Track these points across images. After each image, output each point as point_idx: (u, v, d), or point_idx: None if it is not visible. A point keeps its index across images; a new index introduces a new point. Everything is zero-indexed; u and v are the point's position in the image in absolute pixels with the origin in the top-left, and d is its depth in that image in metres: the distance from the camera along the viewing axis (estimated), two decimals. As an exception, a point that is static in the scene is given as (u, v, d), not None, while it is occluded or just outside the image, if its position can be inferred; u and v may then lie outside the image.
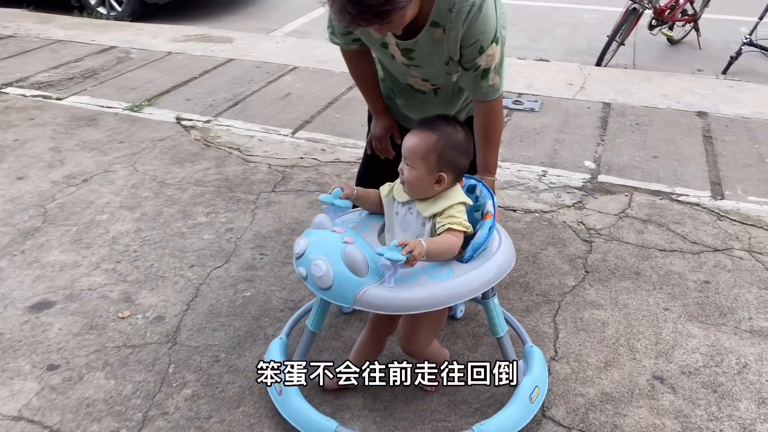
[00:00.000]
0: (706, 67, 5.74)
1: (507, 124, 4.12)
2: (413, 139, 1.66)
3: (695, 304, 2.41)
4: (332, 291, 1.55)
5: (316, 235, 1.66)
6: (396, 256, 1.47)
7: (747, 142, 3.87)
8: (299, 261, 1.63)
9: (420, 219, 1.68)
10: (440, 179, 1.65)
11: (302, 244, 1.63)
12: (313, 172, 3.45)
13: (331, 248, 1.58)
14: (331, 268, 1.54)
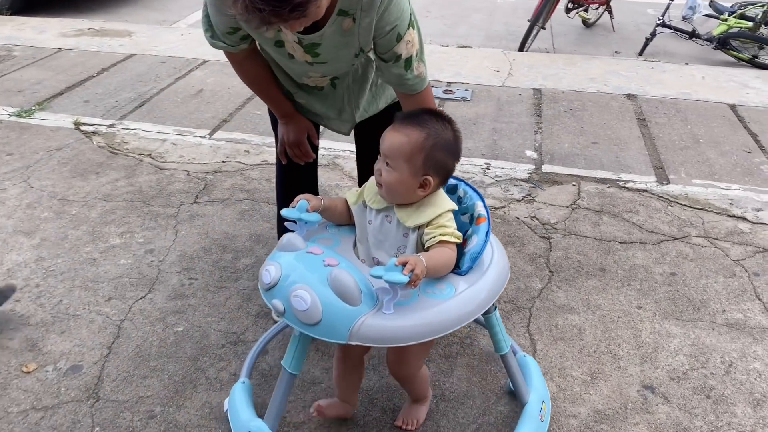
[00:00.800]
0: (622, 49, 5.79)
1: (441, 114, 3.92)
2: (396, 135, 1.42)
3: (667, 300, 2.29)
4: (321, 326, 1.29)
5: (287, 258, 1.38)
6: (398, 277, 1.24)
7: (679, 123, 3.85)
8: (272, 292, 1.35)
9: (401, 229, 1.46)
10: (425, 183, 1.43)
11: (273, 272, 1.35)
12: (238, 178, 3.10)
13: (311, 274, 1.32)
14: (317, 299, 1.28)
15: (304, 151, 1.92)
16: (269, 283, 1.35)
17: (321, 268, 1.33)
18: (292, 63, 1.66)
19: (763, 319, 2.19)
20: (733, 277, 2.42)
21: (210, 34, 1.63)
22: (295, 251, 1.39)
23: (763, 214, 2.87)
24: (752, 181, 3.18)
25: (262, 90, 1.81)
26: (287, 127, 1.89)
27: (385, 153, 1.43)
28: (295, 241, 1.41)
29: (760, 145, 3.58)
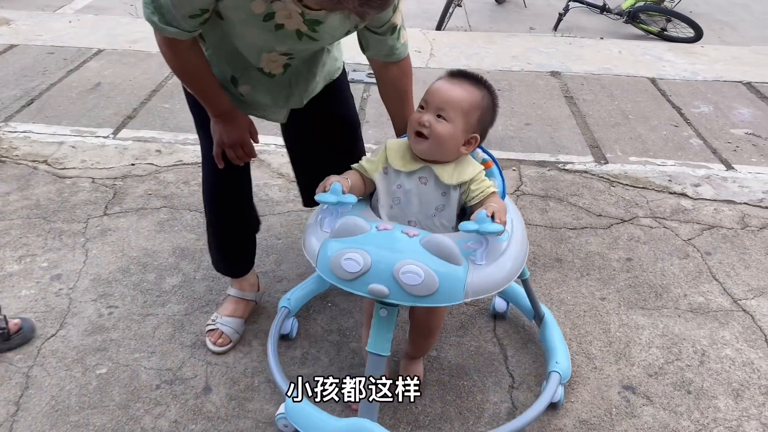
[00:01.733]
0: (536, 25, 5.77)
1: (368, 100, 3.70)
2: (455, 89, 1.45)
3: (628, 288, 2.21)
4: (439, 294, 1.28)
5: (366, 241, 1.32)
6: (495, 227, 1.31)
7: (606, 99, 3.83)
8: (364, 279, 1.29)
9: (439, 188, 1.48)
10: (471, 141, 1.49)
11: (361, 258, 1.29)
12: (152, 182, 2.76)
13: (406, 248, 1.31)
14: (430, 269, 1.27)
15: (248, 150, 1.71)
16: (359, 271, 1.29)
17: (408, 240, 1.32)
18: (269, 40, 1.50)
19: (724, 301, 2.15)
20: (687, 258, 2.37)
21: (158, 17, 1.41)
22: (365, 232, 1.34)
23: (702, 190, 2.86)
24: (685, 156, 3.18)
25: (203, 82, 1.58)
26: (226, 126, 1.65)
27: (439, 104, 1.43)
28: (360, 224, 1.34)
29: (685, 119, 3.61)
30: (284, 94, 1.72)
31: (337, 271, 1.31)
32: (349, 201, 1.41)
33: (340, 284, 1.32)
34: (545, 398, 1.63)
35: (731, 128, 3.50)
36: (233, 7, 1.41)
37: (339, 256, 1.30)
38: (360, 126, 2.00)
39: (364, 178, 1.53)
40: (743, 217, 2.65)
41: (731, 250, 2.43)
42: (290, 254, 2.32)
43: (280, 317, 1.85)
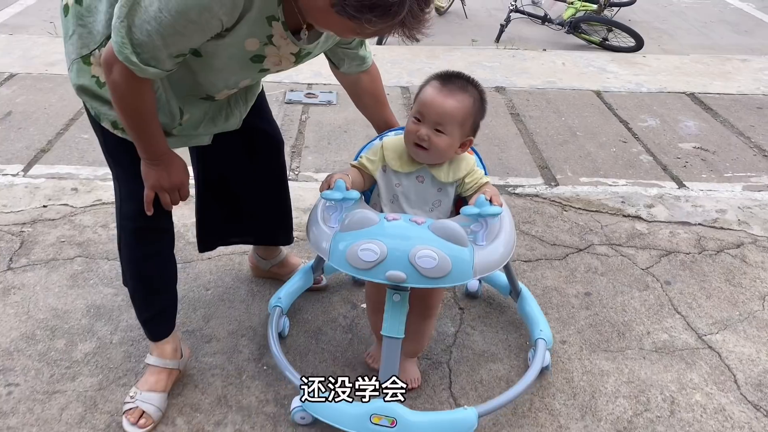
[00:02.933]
0: (478, 37, 5.67)
1: (307, 123, 3.49)
2: (449, 101, 1.50)
3: (589, 327, 2.06)
4: (452, 274, 1.40)
5: (379, 231, 1.42)
6: (496, 210, 1.46)
7: (552, 115, 3.72)
8: (381, 267, 1.39)
9: (435, 185, 1.59)
10: (467, 143, 1.58)
11: (378, 248, 1.38)
12: (66, 227, 2.48)
13: (417, 234, 1.41)
14: (443, 252, 1.38)
15: (184, 194, 1.59)
16: (376, 260, 1.38)
17: (417, 228, 1.42)
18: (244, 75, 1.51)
19: (689, 337, 2.03)
20: (647, 290, 2.25)
21: (138, 56, 1.29)
22: (375, 224, 1.42)
23: (656, 211, 2.76)
24: (636, 174, 3.09)
25: (152, 122, 1.46)
26: (166, 169, 1.52)
27: (436, 119, 1.49)
28: (370, 216, 1.43)
29: (633, 133, 3.53)
30: (224, 115, 1.66)
31: (354, 262, 1.39)
32: (353, 197, 1.50)
33: (358, 274, 1.41)
34: (537, 363, 1.75)
35: (679, 142, 3.44)
36: (230, 44, 1.36)
37: (355, 248, 1.39)
38: (283, 145, 1.97)
39: (364, 175, 1.62)
40: (699, 240, 2.56)
41: (691, 278, 2.32)
42: (221, 307, 2.08)
43: (275, 317, 1.86)
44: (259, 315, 2.05)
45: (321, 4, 1.25)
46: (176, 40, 1.29)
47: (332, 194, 1.49)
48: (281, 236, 2.10)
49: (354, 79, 1.77)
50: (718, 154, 3.32)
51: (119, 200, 1.65)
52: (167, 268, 1.74)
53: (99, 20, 1.43)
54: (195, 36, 1.30)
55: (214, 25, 1.29)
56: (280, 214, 2.05)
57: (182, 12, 1.24)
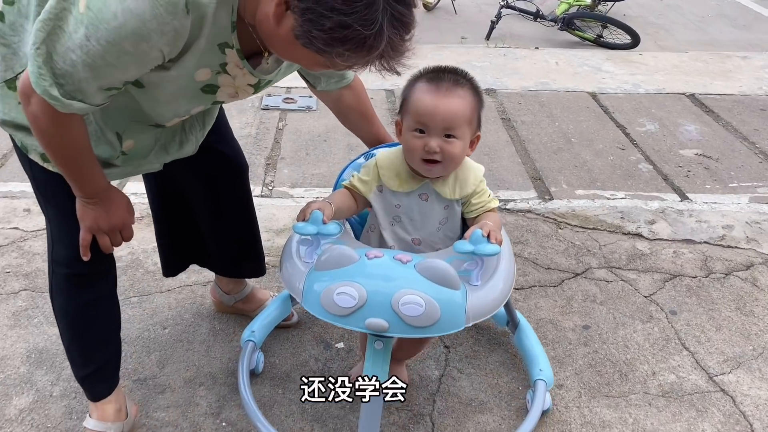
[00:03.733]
0: (468, 34, 5.45)
1: (284, 131, 3.27)
2: (453, 101, 1.34)
3: (588, 368, 1.86)
4: (441, 322, 1.22)
5: (357, 272, 1.24)
6: (493, 249, 1.27)
7: (546, 120, 3.51)
8: (360, 314, 1.21)
9: (441, 203, 1.43)
10: (474, 141, 1.43)
11: (356, 292, 1.21)
12: (14, 254, 2.26)
13: (400, 277, 1.23)
14: (431, 298, 1.21)
15: (128, 234, 1.40)
16: (354, 306, 1.21)
17: (402, 268, 1.24)
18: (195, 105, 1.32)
19: (698, 378, 1.83)
20: (651, 321, 2.05)
21: (60, 88, 1.10)
22: (354, 262, 1.24)
23: (658, 228, 2.56)
24: (635, 185, 2.89)
25: (84, 156, 1.25)
26: (105, 208, 1.32)
27: (446, 126, 1.33)
28: (348, 253, 1.25)
29: (631, 139, 3.33)
30: (178, 142, 1.47)
31: (329, 308, 1.22)
32: (331, 232, 1.32)
33: (334, 321, 1.23)
34: (537, 408, 1.57)
35: (680, 149, 3.24)
36: (177, 76, 1.18)
37: (330, 291, 1.22)
38: (247, 169, 1.78)
39: (356, 197, 1.45)
40: (706, 261, 2.36)
41: (698, 306, 2.12)
42: (179, 350, 1.87)
43: (247, 352, 1.68)
44: (220, 359, 1.83)
45: (283, 34, 1.06)
46: (107, 72, 1.10)
47: (305, 228, 1.30)
48: (247, 268, 1.89)
49: (336, 96, 1.59)
50: (722, 162, 3.12)
51: (51, 243, 1.45)
52: (108, 316, 1.53)
53: (25, 41, 1.22)
54: (131, 68, 1.11)
55: (153, 56, 1.09)
56: (245, 244, 1.84)
57: (114, 42, 1.04)
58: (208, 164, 1.64)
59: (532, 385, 1.66)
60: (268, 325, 1.79)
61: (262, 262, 1.90)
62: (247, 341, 1.71)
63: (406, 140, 1.38)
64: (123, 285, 2.11)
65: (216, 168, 1.67)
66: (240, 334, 1.91)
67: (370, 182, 1.44)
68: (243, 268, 1.89)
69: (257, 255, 1.88)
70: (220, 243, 1.80)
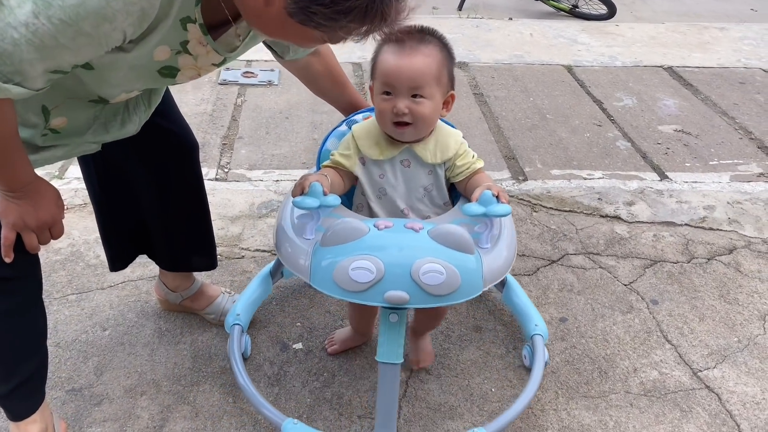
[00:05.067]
0: (440, 4, 5.23)
1: (243, 108, 3.06)
2: (417, 59, 1.29)
3: (566, 365, 1.73)
4: (461, 289, 1.18)
5: (371, 245, 1.18)
6: (505, 209, 1.24)
7: (520, 95, 3.36)
8: (379, 287, 1.15)
9: (424, 167, 1.40)
10: (449, 101, 1.38)
11: (373, 265, 1.15)
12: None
13: (416, 246, 1.18)
14: (450, 265, 1.16)
15: (57, 232, 1.24)
16: (372, 280, 1.16)
17: (416, 236, 1.21)
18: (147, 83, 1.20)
19: (682, 374, 1.72)
20: (632, 312, 1.93)
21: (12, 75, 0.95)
22: (364, 235, 1.20)
23: (637, 209, 2.44)
24: (613, 164, 2.76)
25: (12, 146, 1.09)
26: (31, 202, 1.16)
27: (411, 85, 1.29)
28: (358, 226, 1.20)
29: (608, 115, 3.19)
30: (119, 121, 1.32)
31: (344, 284, 1.17)
32: (333, 203, 1.27)
33: (349, 297, 1.19)
34: (539, 364, 1.57)
35: (658, 124, 3.11)
36: (135, 57, 1.07)
37: (344, 267, 1.16)
38: (197, 149, 1.61)
39: (342, 174, 1.40)
40: (687, 245, 2.24)
41: (680, 295, 2.00)
42: (120, 354, 1.69)
43: (236, 337, 1.59)
44: (165, 364, 1.67)
45: (274, 13, 0.97)
46: (56, 54, 0.96)
47: (306, 202, 1.24)
48: (196, 261, 1.72)
49: (303, 64, 1.49)
50: (702, 138, 3.00)
51: None
52: (34, 326, 1.35)
53: None
54: (85, 50, 0.98)
55: (114, 38, 0.96)
56: (195, 234, 1.67)
57: (70, 22, 0.90)
58: (152, 143, 1.47)
59: (529, 340, 1.66)
60: (252, 305, 1.70)
61: (213, 255, 1.73)
62: (233, 325, 1.61)
63: (376, 104, 1.35)
64: (60, 281, 1.92)
65: (162, 147, 1.51)
66: (188, 334, 1.75)
67: (351, 155, 1.39)
68: (192, 262, 1.72)
69: (208, 246, 1.71)
70: (167, 233, 1.63)
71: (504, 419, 1.43)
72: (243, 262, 2.04)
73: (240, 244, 2.12)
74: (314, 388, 1.61)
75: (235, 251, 2.09)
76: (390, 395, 1.29)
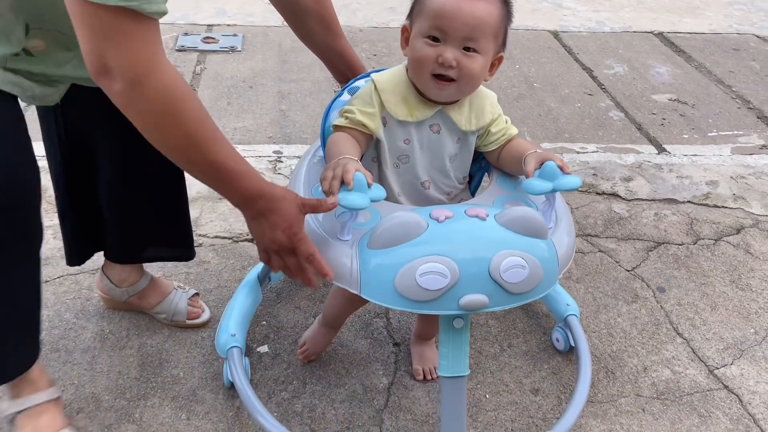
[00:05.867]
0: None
1: (202, 77, 2.78)
2: (478, 5, 1.07)
3: (568, 365, 1.54)
4: (543, 283, 1.03)
5: (434, 239, 0.98)
6: (575, 181, 1.09)
7: (505, 63, 3.06)
8: (453, 292, 0.97)
9: (454, 134, 1.19)
10: (495, 63, 1.17)
11: (446, 268, 0.96)
12: None
13: (489, 236, 1.00)
14: (531, 256, 1.00)
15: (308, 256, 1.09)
16: (447, 285, 0.96)
17: (485, 225, 1.01)
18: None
19: (697, 373, 1.53)
20: (637, 301, 1.74)
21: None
22: (424, 231, 0.98)
23: (636, 186, 2.24)
24: (607, 136, 2.55)
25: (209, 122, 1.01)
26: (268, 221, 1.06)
27: (468, 33, 1.07)
28: (416, 221, 0.98)
29: (598, 83, 2.98)
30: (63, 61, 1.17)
31: (411, 293, 0.98)
32: (380, 197, 1.04)
33: (418, 308, 1.00)
34: (584, 346, 1.43)
35: (652, 93, 2.92)
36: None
37: (409, 273, 0.97)
38: None
39: (359, 139, 1.15)
40: (692, 224, 2.05)
41: (689, 281, 1.82)
42: (54, 363, 1.44)
43: (237, 362, 1.31)
44: (107, 374, 1.43)
45: None
46: None
47: (356, 200, 0.99)
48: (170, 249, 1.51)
49: (290, 4, 1.31)
50: (698, 108, 2.81)
51: None
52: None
53: None
54: None
55: None
56: (173, 216, 1.45)
57: None
58: None
59: (563, 322, 1.52)
60: (245, 320, 1.44)
61: (190, 240, 1.50)
62: (230, 349, 1.34)
63: (414, 49, 1.11)
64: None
65: None
66: (135, 338, 1.51)
67: (376, 114, 1.15)
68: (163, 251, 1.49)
69: (184, 230, 1.49)
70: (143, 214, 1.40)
71: (569, 419, 1.25)
72: (200, 251, 1.80)
73: (197, 230, 1.87)
74: (282, 400, 1.39)
75: (192, 238, 1.84)
76: (459, 413, 1.11)
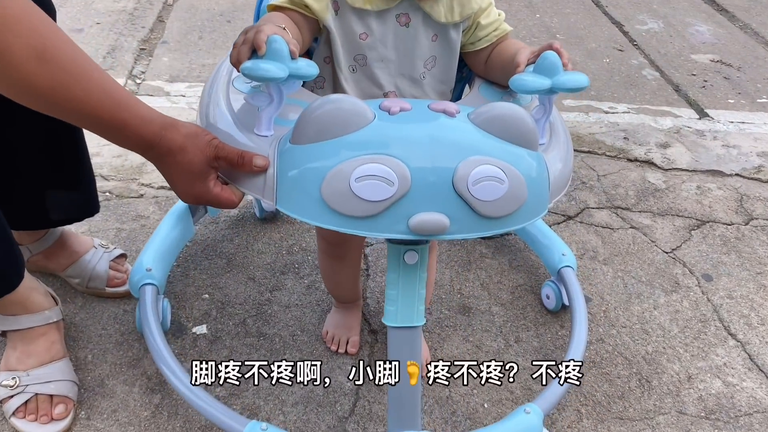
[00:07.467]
0: None
1: (173, 7, 2.41)
2: None
3: (592, 369, 1.20)
4: (526, 206, 0.75)
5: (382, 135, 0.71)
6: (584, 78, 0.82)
7: (524, 10, 2.75)
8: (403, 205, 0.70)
9: (430, 29, 0.93)
10: None
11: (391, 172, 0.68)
12: None
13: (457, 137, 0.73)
14: (514, 171, 0.72)
15: None
16: (392, 196, 0.69)
17: (454, 123, 0.74)
18: None
19: (757, 386, 1.19)
20: (678, 290, 1.39)
21: None
22: (371, 122, 0.72)
23: (674, 153, 1.88)
24: (640, 97, 2.19)
25: None
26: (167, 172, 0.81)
27: None
28: (358, 109, 0.71)
29: (630, 39, 2.60)
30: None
31: (342, 205, 0.70)
32: (309, 73, 0.73)
33: (351, 227, 0.71)
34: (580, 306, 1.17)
35: (691, 53, 2.54)
36: None
37: (341, 177, 0.69)
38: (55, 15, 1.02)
39: (301, 24, 0.88)
40: (742, 201, 1.70)
41: (740, 269, 1.47)
42: None
43: (149, 301, 1.06)
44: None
45: None
46: None
47: (267, 68, 0.70)
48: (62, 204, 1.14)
49: None
50: (745, 72, 2.44)
51: None
52: None
53: None
54: None
55: None
56: (70, 165, 1.10)
57: None
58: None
59: (556, 275, 1.26)
60: (167, 255, 1.17)
61: (94, 192, 1.16)
62: (143, 286, 1.09)
63: None
64: None
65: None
66: (34, 309, 1.16)
67: None
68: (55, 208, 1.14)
69: (85, 180, 1.13)
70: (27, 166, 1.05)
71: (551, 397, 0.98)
72: (140, 204, 1.45)
73: (140, 178, 1.53)
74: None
75: (131, 188, 1.50)
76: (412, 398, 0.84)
